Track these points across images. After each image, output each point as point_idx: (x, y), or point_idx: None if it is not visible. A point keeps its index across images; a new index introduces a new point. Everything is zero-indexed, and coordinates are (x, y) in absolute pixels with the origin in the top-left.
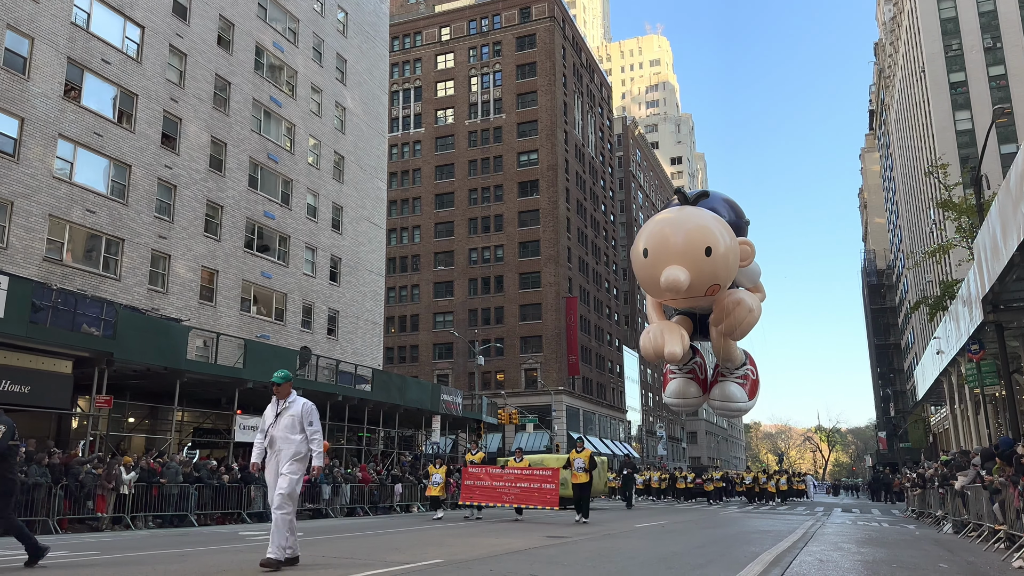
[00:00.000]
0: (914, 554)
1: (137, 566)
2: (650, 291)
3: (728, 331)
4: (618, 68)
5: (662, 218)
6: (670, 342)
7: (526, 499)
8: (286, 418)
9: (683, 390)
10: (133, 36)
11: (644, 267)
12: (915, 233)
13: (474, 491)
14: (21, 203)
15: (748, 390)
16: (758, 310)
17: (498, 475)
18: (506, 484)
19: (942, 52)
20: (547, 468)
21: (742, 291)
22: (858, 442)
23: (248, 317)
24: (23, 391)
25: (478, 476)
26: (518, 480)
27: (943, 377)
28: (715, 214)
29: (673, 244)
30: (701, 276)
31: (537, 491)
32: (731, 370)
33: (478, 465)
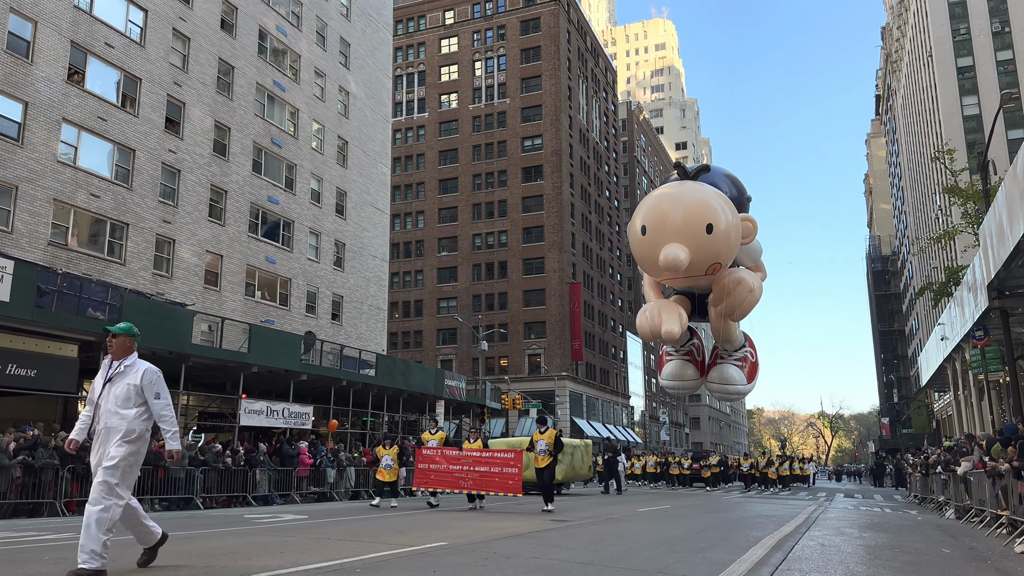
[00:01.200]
0: (916, 539)
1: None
2: (648, 270)
3: (728, 311)
4: (623, 52)
5: (661, 193)
6: (668, 321)
7: (486, 485)
8: (120, 386)
9: (680, 372)
10: (136, 20)
11: (642, 245)
12: (920, 219)
13: (428, 475)
14: (26, 187)
15: (747, 373)
16: (759, 290)
17: (455, 458)
18: (463, 468)
19: (950, 36)
20: (509, 451)
21: (743, 270)
22: (861, 428)
23: (252, 302)
24: (29, 375)
25: (432, 459)
26: (477, 464)
27: (947, 363)
28: (716, 189)
29: (672, 220)
30: (702, 254)
31: (498, 476)
32: (730, 352)
33: (433, 447)
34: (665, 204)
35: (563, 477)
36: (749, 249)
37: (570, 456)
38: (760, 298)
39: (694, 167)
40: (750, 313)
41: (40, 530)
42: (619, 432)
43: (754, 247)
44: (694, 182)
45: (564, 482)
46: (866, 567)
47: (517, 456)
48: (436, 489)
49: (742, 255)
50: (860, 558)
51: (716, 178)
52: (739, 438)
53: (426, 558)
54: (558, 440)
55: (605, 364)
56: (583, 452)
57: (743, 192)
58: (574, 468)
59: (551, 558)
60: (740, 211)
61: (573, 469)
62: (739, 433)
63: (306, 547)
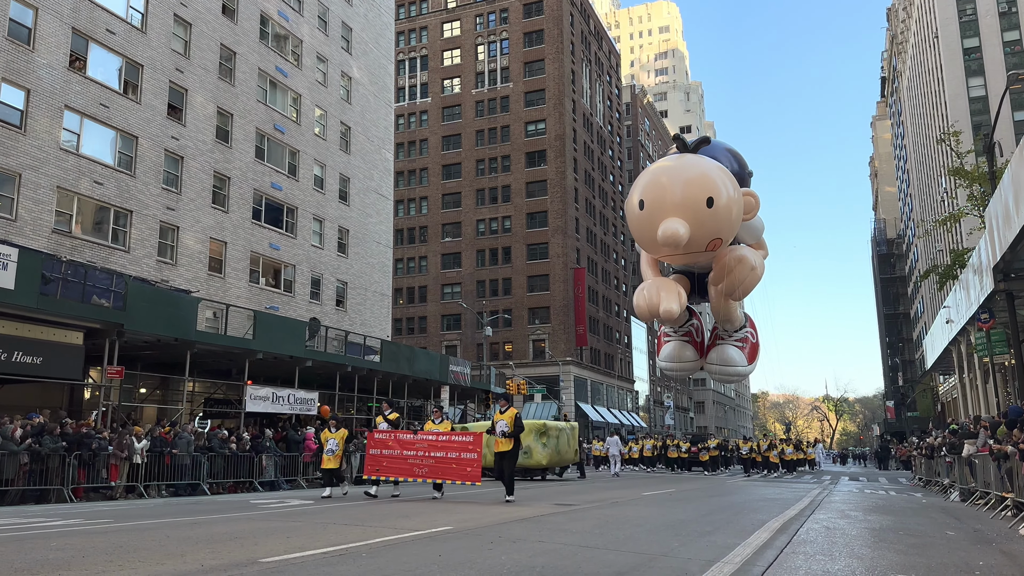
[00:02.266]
0: (921, 521)
1: (151, 532)
2: (646, 246)
3: (729, 290)
4: (627, 35)
5: (659, 167)
6: (666, 299)
7: (443, 473)
8: None
9: (679, 353)
10: (137, 5)
11: (640, 220)
12: (926, 202)
13: (380, 462)
14: (29, 175)
15: (747, 354)
16: (761, 268)
17: (409, 442)
18: (419, 454)
19: (956, 17)
20: (467, 433)
21: (744, 248)
22: (866, 411)
23: (257, 288)
24: (35, 362)
25: (385, 443)
26: (433, 448)
27: (952, 346)
28: (717, 162)
29: (671, 194)
30: (702, 229)
31: (455, 462)
32: (730, 333)
33: (386, 430)
34: (664, 178)
35: (548, 462)
36: (751, 226)
37: (555, 440)
38: (762, 277)
39: (694, 140)
40: (752, 292)
41: (48, 516)
42: (624, 417)
43: (756, 224)
44: (694, 155)
45: (549, 467)
46: (871, 550)
47: (476, 440)
48: (388, 478)
49: (743, 232)
50: (865, 541)
51: (717, 152)
52: (744, 422)
53: (432, 542)
54: (518, 421)
55: (609, 349)
56: (569, 436)
57: (744, 167)
58: (559, 453)
59: (556, 542)
60: (741, 186)
61: (559, 454)
62: (744, 417)
63: (312, 532)
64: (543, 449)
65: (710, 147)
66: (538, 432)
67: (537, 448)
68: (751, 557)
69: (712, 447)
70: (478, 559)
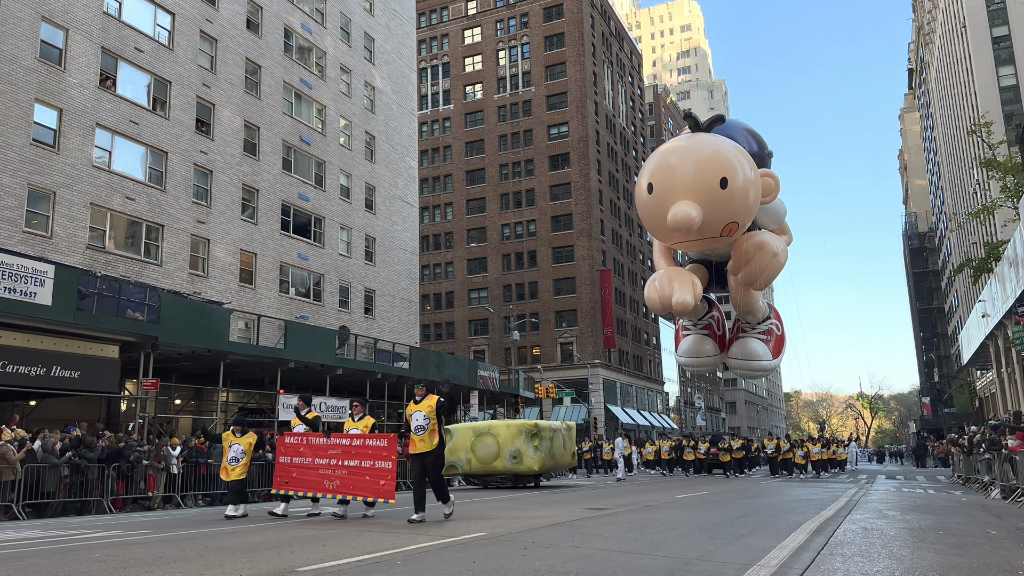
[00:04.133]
0: (961, 520)
1: (189, 542)
2: (657, 233)
3: (749, 279)
4: (648, 35)
5: (669, 147)
6: (679, 290)
7: (354, 487)
8: None
9: (698, 348)
10: (164, 23)
11: (649, 205)
12: (958, 194)
13: (290, 473)
14: (63, 193)
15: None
16: (784, 255)
17: (322, 448)
18: (331, 463)
19: (984, 6)
20: (382, 436)
21: (765, 233)
22: (901, 408)
23: (287, 298)
24: (73, 376)
25: (296, 450)
26: (347, 455)
27: (989, 340)
28: (732, 141)
29: (682, 176)
30: (716, 212)
31: (369, 473)
32: (753, 325)
33: (299, 433)
34: (673, 158)
35: (540, 467)
36: (771, 209)
37: (548, 442)
38: (785, 264)
39: (707, 118)
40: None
41: (89, 528)
42: (654, 419)
43: (777, 207)
44: (707, 134)
45: (542, 473)
46: (910, 550)
47: (391, 444)
48: (298, 493)
49: (764, 217)
50: (904, 541)
51: (734, 131)
52: (777, 421)
53: (465, 549)
54: (441, 409)
55: (638, 350)
56: (565, 437)
57: (764, 146)
58: (554, 456)
59: (590, 547)
60: (760, 167)
61: (553, 457)
62: (776, 416)
63: (347, 540)
64: (534, 453)
65: (726, 126)
66: (528, 433)
67: (527, 452)
68: (787, 560)
69: (735, 447)
70: (512, 565)
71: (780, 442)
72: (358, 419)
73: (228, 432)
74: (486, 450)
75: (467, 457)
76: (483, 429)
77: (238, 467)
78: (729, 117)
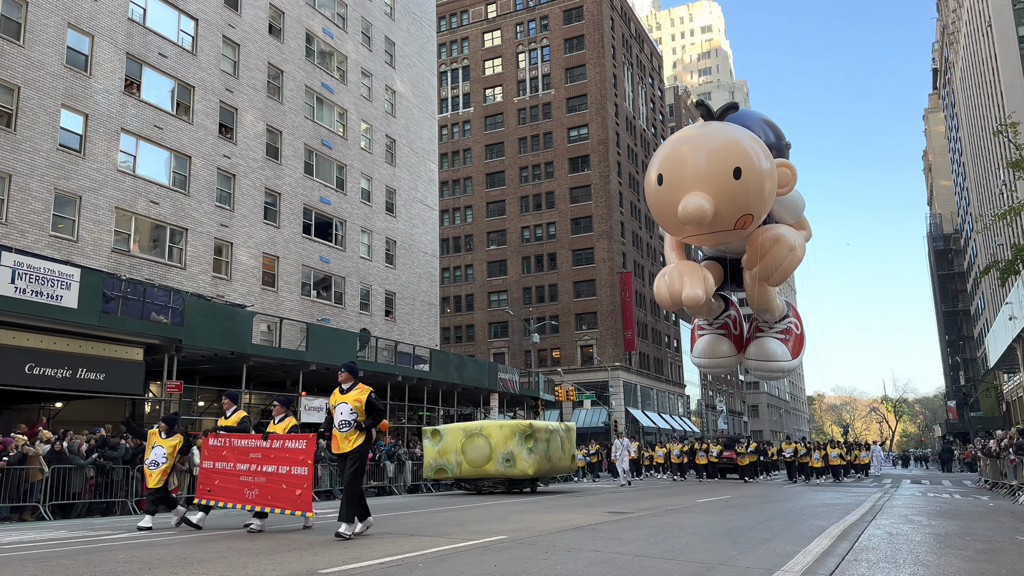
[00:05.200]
0: (988, 526)
1: (213, 544)
2: (667, 226)
3: (765, 274)
4: (668, 36)
5: (681, 136)
6: (690, 285)
7: (272, 497)
8: None
9: (713, 348)
10: (187, 29)
11: (659, 197)
12: (983, 195)
13: (212, 480)
14: (89, 197)
15: (791, 347)
16: (801, 249)
17: (244, 452)
18: (251, 468)
19: (1010, 4)
20: (301, 437)
21: (781, 226)
22: (926, 412)
23: (309, 301)
24: (99, 378)
25: (219, 453)
26: (266, 461)
27: (1016, 343)
28: (747, 130)
29: (694, 165)
30: (729, 203)
31: (286, 480)
32: (770, 324)
33: (224, 435)
34: (685, 147)
35: (535, 471)
36: (788, 202)
37: (544, 444)
38: (802, 259)
39: (721, 106)
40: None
41: (114, 528)
42: (676, 422)
43: (794, 199)
44: (720, 122)
45: (538, 477)
46: (937, 556)
47: (309, 446)
48: (219, 503)
49: (781, 209)
50: (930, 547)
51: (749, 121)
52: (800, 425)
53: (487, 552)
54: (372, 405)
55: (659, 353)
56: (563, 438)
57: (781, 137)
58: (551, 459)
59: (612, 551)
60: (777, 158)
61: (550, 461)
62: (800, 420)
63: (369, 542)
64: (529, 456)
65: (741, 115)
66: (522, 434)
67: (521, 455)
68: (811, 565)
69: (751, 451)
70: (534, 569)
71: (798, 445)
72: (278, 421)
73: (154, 431)
74: (477, 452)
75: (457, 460)
76: (474, 430)
77: (156, 473)
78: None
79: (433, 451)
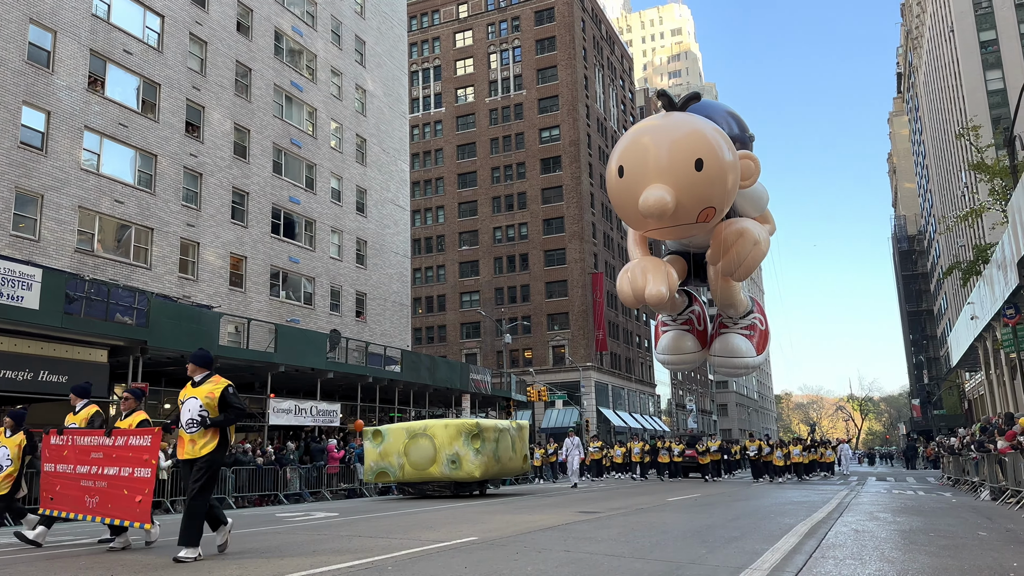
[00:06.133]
0: (952, 522)
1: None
2: (629, 220)
3: (729, 269)
4: (639, 39)
5: (642, 126)
6: (653, 281)
7: (113, 505)
8: None
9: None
10: (153, 25)
11: (619, 189)
12: (946, 197)
13: (54, 486)
14: (51, 196)
15: (756, 343)
16: (766, 243)
17: (85, 451)
18: (92, 471)
19: (971, 10)
20: (147, 432)
21: (746, 220)
22: (891, 410)
23: (278, 302)
24: (60, 380)
25: (60, 454)
26: (108, 461)
27: (978, 343)
28: (710, 122)
29: (655, 157)
30: (691, 195)
31: (128, 485)
32: (735, 320)
33: (70, 431)
34: (646, 138)
35: (482, 473)
36: (752, 194)
37: (493, 445)
38: (767, 253)
39: (683, 96)
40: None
41: (76, 534)
42: (646, 421)
43: (758, 193)
44: (682, 113)
45: (485, 479)
46: (902, 552)
47: (154, 442)
48: (61, 513)
49: (745, 203)
50: (895, 543)
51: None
52: (768, 423)
53: (457, 554)
54: (227, 401)
55: (630, 353)
56: (514, 438)
57: (745, 129)
58: (499, 460)
59: (582, 551)
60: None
61: (499, 462)
62: (768, 419)
63: (338, 545)
64: (475, 456)
65: (704, 106)
66: (468, 434)
67: (468, 456)
68: (780, 563)
69: (713, 449)
70: (504, 570)
71: (761, 443)
72: (126, 416)
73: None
74: (421, 454)
75: (400, 462)
76: (418, 430)
77: (1, 477)
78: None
79: (374, 453)
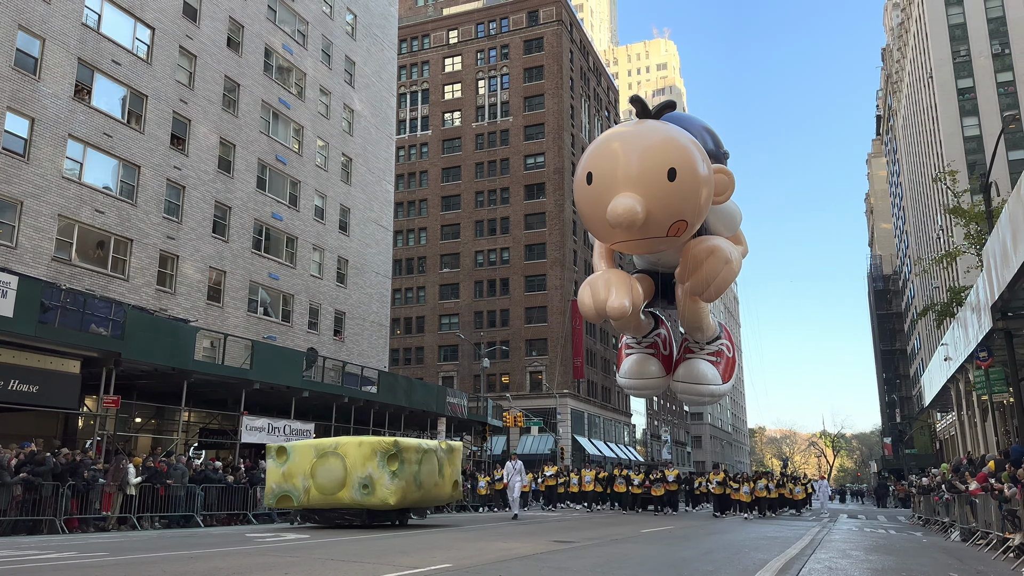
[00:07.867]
0: (923, 562)
1: (147, 567)
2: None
3: (698, 288)
4: (625, 72)
5: (613, 132)
6: (616, 294)
7: None
8: None
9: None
10: (143, 37)
11: (587, 197)
12: (922, 239)
13: None
14: (31, 203)
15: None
16: (737, 264)
17: None
18: None
19: (950, 58)
20: None
21: (718, 238)
22: (863, 448)
23: (255, 318)
24: (31, 390)
25: None
26: None
27: (950, 384)
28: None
29: (625, 164)
30: (662, 207)
31: None
32: (701, 345)
33: None
34: (616, 144)
35: (398, 500)
36: (724, 212)
37: (415, 467)
38: (738, 273)
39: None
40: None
41: (42, 548)
42: (620, 451)
43: (731, 210)
44: (656, 120)
45: (404, 508)
46: None
47: None
48: None
49: (717, 221)
50: None
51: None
52: (741, 456)
53: None
54: None
55: (607, 382)
56: (442, 461)
57: (720, 146)
58: (422, 486)
59: None
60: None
61: (420, 488)
62: (741, 452)
63: (311, 569)
64: (391, 481)
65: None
66: (384, 455)
67: (382, 480)
68: None
69: (669, 480)
70: None
71: (727, 476)
72: None
73: None
74: (330, 476)
75: (305, 485)
76: (328, 448)
77: None
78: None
79: (277, 473)
